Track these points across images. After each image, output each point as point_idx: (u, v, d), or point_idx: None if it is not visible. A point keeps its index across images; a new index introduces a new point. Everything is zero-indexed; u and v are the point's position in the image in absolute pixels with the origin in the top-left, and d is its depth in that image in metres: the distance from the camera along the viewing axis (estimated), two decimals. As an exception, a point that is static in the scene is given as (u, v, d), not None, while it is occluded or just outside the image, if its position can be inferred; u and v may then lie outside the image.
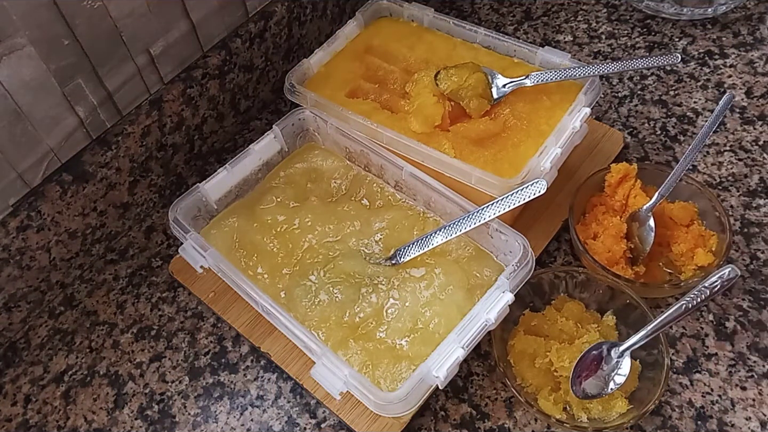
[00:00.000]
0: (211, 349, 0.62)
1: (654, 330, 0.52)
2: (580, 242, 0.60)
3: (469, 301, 0.54)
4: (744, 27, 0.81)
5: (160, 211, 0.74)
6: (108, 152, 0.64)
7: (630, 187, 0.63)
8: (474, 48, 0.70)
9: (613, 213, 0.63)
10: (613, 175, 0.63)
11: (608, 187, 0.64)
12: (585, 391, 0.52)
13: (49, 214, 0.61)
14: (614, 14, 0.86)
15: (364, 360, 0.53)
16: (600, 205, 0.64)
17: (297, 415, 0.58)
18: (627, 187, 0.63)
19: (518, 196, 0.54)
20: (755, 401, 0.54)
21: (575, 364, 0.53)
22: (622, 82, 0.78)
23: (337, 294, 0.57)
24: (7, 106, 0.55)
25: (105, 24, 0.59)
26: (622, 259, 0.60)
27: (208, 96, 0.72)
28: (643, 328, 0.52)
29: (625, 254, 0.60)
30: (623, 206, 0.63)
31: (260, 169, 0.66)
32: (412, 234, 0.61)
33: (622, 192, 0.63)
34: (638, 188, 0.63)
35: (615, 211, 0.63)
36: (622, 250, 0.60)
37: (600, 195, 0.65)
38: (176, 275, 0.65)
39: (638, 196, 0.62)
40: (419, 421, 0.56)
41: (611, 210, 0.63)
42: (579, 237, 0.60)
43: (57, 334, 0.65)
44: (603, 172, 0.64)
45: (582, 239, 0.61)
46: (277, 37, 0.77)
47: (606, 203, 0.64)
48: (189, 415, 0.58)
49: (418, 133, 0.62)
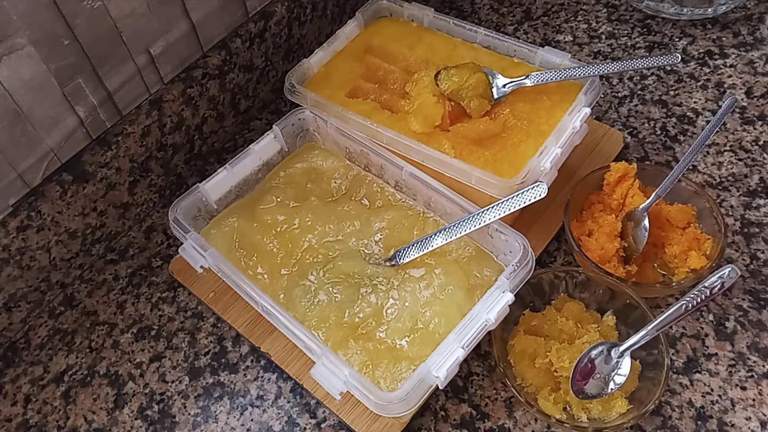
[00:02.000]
0: (211, 349, 0.62)
1: (654, 330, 0.52)
2: (573, 238, 0.60)
3: (469, 301, 0.54)
4: (744, 27, 0.81)
5: (160, 211, 0.74)
6: (108, 152, 0.64)
7: (628, 186, 0.63)
8: (474, 48, 0.70)
9: (610, 211, 0.63)
10: (612, 174, 0.63)
11: (607, 186, 0.64)
12: (585, 391, 0.52)
13: (49, 214, 0.61)
14: (614, 14, 0.86)
15: (364, 360, 0.53)
16: (597, 203, 0.64)
17: (297, 415, 0.58)
18: (625, 186, 0.63)
19: (519, 199, 0.53)
20: (755, 401, 0.54)
21: (575, 364, 0.53)
22: (622, 82, 0.78)
23: (336, 294, 0.57)
24: (7, 106, 0.55)
25: (105, 24, 0.59)
26: (615, 257, 0.60)
27: (208, 96, 0.72)
28: (643, 328, 0.52)
29: (618, 253, 0.60)
30: (620, 205, 0.63)
31: (260, 169, 0.66)
32: (412, 234, 0.61)
33: (620, 191, 0.63)
34: (637, 188, 0.63)
35: (612, 210, 0.63)
36: (615, 248, 0.60)
37: (598, 193, 0.65)
38: (176, 275, 0.65)
39: (636, 196, 0.62)
40: (419, 421, 0.56)
41: (608, 208, 0.64)
42: (573, 233, 0.60)
43: (57, 334, 0.65)
44: (602, 171, 0.64)
45: (576, 236, 0.61)
46: (277, 37, 0.77)
47: (604, 201, 0.64)
48: (189, 415, 0.58)
49: (418, 133, 0.62)
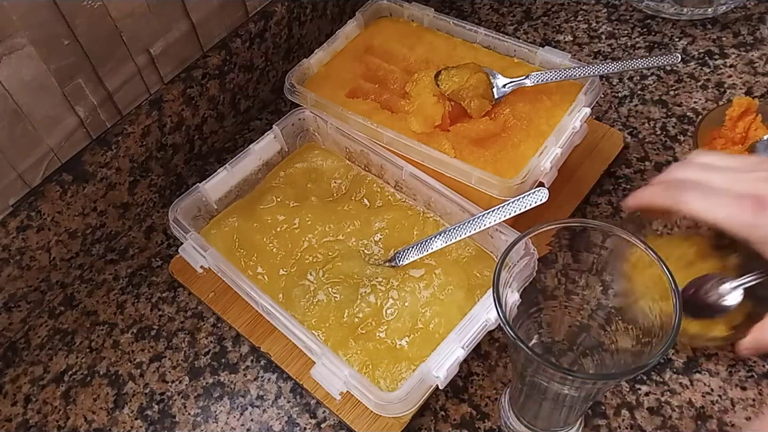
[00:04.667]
0: (211, 349, 0.62)
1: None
2: None
3: (469, 301, 0.54)
4: (744, 27, 0.81)
5: (160, 211, 0.74)
6: (108, 152, 0.64)
7: (750, 121, 0.64)
8: (474, 48, 0.70)
9: (733, 144, 0.64)
10: (735, 109, 0.64)
11: (729, 121, 0.64)
12: (688, 312, 0.53)
13: (49, 214, 0.61)
14: (614, 14, 0.86)
15: (364, 360, 0.53)
16: (719, 138, 0.65)
17: (297, 415, 0.58)
18: (748, 121, 0.64)
19: (520, 204, 0.53)
20: (755, 401, 0.54)
21: (686, 285, 0.54)
22: (622, 82, 0.78)
23: (335, 294, 0.57)
24: (7, 106, 0.55)
25: (105, 24, 0.59)
26: None
27: (208, 96, 0.72)
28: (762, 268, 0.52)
29: None
30: (743, 138, 0.64)
31: (260, 169, 0.66)
32: (412, 234, 0.61)
33: (742, 125, 0.64)
34: (759, 122, 0.63)
35: (734, 143, 0.64)
36: None
37: (719, 128, 0.65)
38: (176, 275, 0.65)
39: (759, 129, 0.63)
40: (419, 421, 0.56)
41: (730, 142, 0.64)
42: None
43: (57, 334, 0.65)
44: (723, 107, 0.65)
45: None
46: (277, 37, 0.77)
47: (725, 136, 0.65)
48: (189, 415, 0.58)
49: (418, 133, 0.62)
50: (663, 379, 0.56)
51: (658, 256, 0.40)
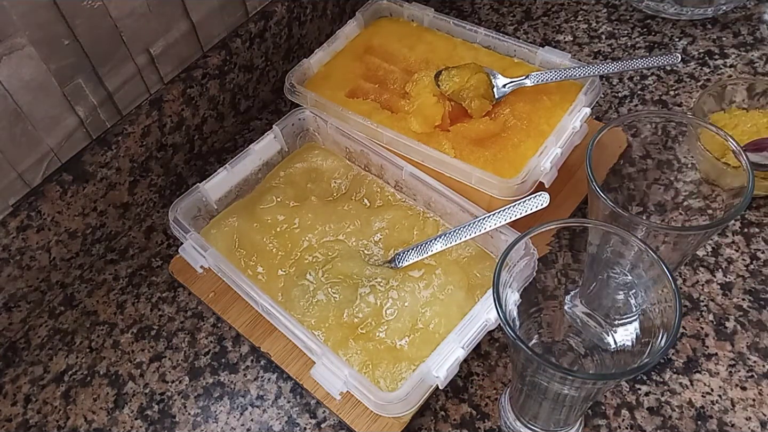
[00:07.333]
0: (211, 349, 0.62)
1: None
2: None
3: (469, 301, 0.54)
4: (744, 27, 0.81)
5: (160, 211, 0.74)
6: (108, 152, 0.64)
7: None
8: (474, 48, 0.70)
9: None
10: None
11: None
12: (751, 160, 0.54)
13: (49, 214, 0.61)
14: (614, 14, 0.86)
15: (364, 360, 0.53)
16: None
17: (297, 415, 0.58)
18: None
19: (520, 208, 0.54)
20: (755, 401, 0.54)
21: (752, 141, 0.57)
22: (622, 82, 0.78)
23: (335, 294, 0.57)
24: (7, 106, 0.55)
25: (105, 24, 0.59)
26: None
27: (208, 96, 0.72)
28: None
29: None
30: None
31: (260, 169, 0.66)
32: (412, 234, 0.61)
33: None
34: None
35: None
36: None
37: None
38: (176, 275, 0.65)
39: None
40: (419, 421, 0.56)
41: None
42: None
43: (57, 334, 0.65)
44: None
45: None
46: (277, 37, 0.77)
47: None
48: (189, 415, 0.58)
49: (418, 133, 0.62)
50: (663, 379, 0.56)
51: (659, 256, 0.40)
